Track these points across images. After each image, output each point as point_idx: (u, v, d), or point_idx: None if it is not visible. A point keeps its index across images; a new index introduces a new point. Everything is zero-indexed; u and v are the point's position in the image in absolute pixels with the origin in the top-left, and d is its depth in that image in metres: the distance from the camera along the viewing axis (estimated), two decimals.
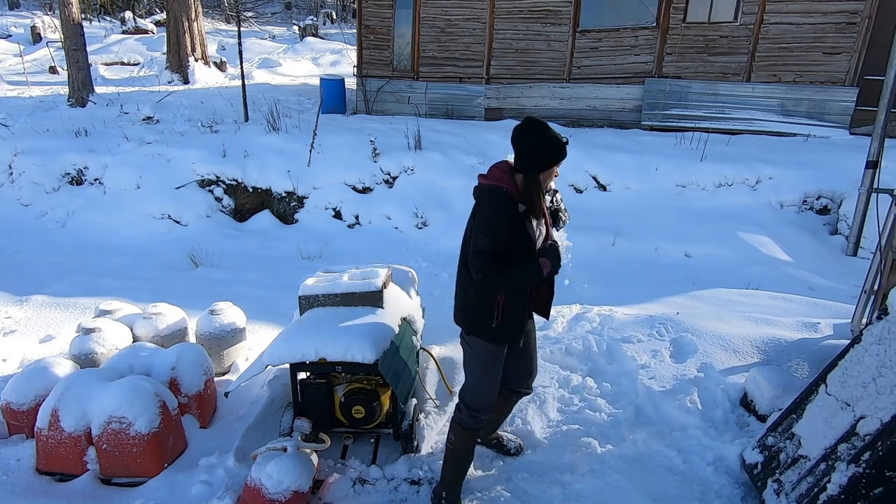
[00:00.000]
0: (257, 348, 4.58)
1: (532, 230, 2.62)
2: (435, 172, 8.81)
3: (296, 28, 21.91)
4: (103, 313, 4.40)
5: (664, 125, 10.51)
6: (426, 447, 3.41)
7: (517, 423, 3.58)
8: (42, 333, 4.97)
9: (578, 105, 11.30)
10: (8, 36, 19.07)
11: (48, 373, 3.49)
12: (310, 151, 9.13)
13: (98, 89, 12.79)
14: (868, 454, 2.39)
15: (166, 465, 3.26)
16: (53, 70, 15.59)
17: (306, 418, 3.24)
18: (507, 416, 3.45)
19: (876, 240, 3.71)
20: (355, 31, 12.78)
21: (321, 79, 12.24)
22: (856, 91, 9.77)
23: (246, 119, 10.78)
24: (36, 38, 18.65)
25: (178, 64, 14.38)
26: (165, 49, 14.83)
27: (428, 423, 3.59)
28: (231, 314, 4.38)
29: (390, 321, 3.42)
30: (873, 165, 6.02)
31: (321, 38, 20.73)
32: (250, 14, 21.25)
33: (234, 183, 8.94)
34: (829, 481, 2.47)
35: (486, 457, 3.31)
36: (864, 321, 3.76)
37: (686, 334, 4.23)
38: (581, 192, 8.66)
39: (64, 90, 12.71)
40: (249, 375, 3.26)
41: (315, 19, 23.64)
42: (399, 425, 3.35)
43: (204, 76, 14.68)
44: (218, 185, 8.91)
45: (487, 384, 2.83)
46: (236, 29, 12.02)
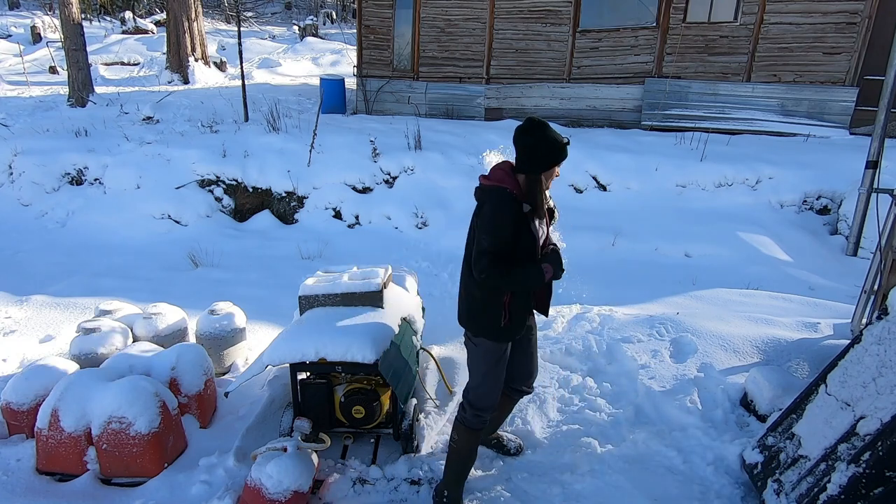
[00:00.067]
0: (257, 348, 4.58)
1: (535, 230, 2.64)
2: (435, 172, 8.81)
3: (296, 28, 21.91)
4: (103, 313, 4.40)
5: (664, 125, 10.51)
6: (426, 447, 3.41)
7: (517, 423, 3.58)
8: (42, 333, 4.97)
9: (578, 105, 11.30)
10: (8, 36, 19.07)
11: (48, 373, 3.49)
12: (310, 151, 9.13)
13: (98, 89, 12.79)
14: (868, 454, 2.40)
15: (166, 465, 3.25)
16: (53, 70, 15.59)
17: (306, 418, 3.24)
18: (508, 416, 3.45)
19: (876, 240, 3.71)
20: (355, 31, 12.79)
21: (321, 79, 12.24)
22: (856, 91, 9.78)
23: (246, 119, 10.78)
24: (36, 38, 18.66)
25: (178, 64, 14.38)
26: (165, 49, 14.84)
27: (428, 423, 3.59)
28: (231, 314, 4.38)
29: (390, 321, 3.42)
30: (873, 165, 6.02)
31: (321, 38, 20.74)
32: (250, 14, 21.25)
33: (234, 183, 8.94)
34: (829, 481, 2.47)
35: (486, 457, 3.31)
36: (864, 321, 3.76)
37: (686, 334, 4.23)
38: (581, 192, 8.66)
39: (64, 90, 12.71)
40: (249, 375, 3.26)
41: (315, 19, 23.65)
42: (399, 425, 3.35)
43: (204, 76, 14.69)
44: (218, 185, 8.92)
45: (491, 383, 2.85)
46: (236, 29, 12.02)
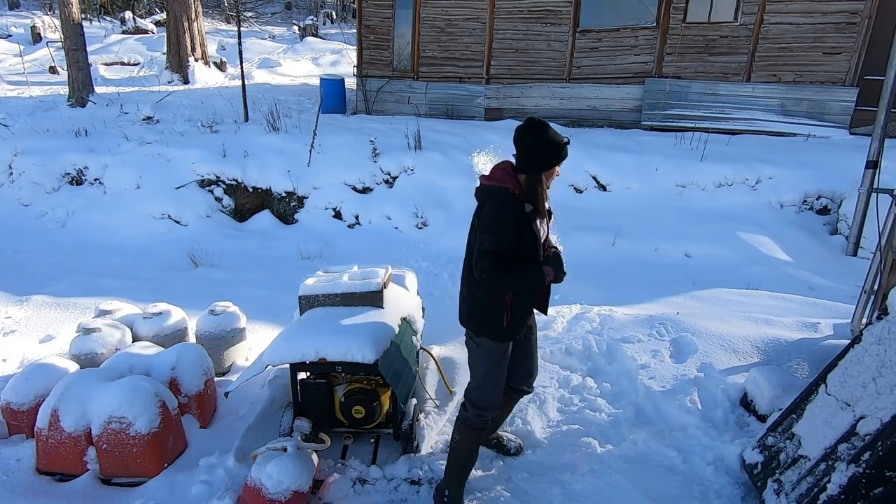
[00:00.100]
0: (257, 348, 4.58)
1: (537, 229, 2.65)
2: (435, 172, 8.81)
3: (296, 28, 21.91)
4: (103, 313, 4.40)
5: (664, 125, 10.51)
6: (426, 447, 3.41)
7: (517, 423, 3.58)
8: (42, 333, 4.97)
9: (578, 105, 11.30)
10: (8, 36, 19.07)
11: (48, 373, 3.49)
12: (310, 151, 9.13)
13: (98, 89, 12.79)
14: (868, 454, 2.39)
15: (166, 465, 3.25)
16: (53, 70, 15.59)
17: (306, 418, 3.24)
18: (508, 416, 3.45)
19: (876, 240, 3.71)
20: (355, 31, 12.79)
21: (321, 79, 12.24)
22: (856, 91, 9.78)
23: (246, 119, 10.78)
24: (36, 38, 18.66)
25: (178, 64, 14.38)
26: (165, 49, 14.84)
27: (428, 423, 3.59)
28: (231, 314, 4.38)
29: (390, 321, 3.42)
30: (873, 165, 6.02)
31: (321, 38, 20.74)
32: (250, 14, 21.25)
33: (234, 183, 8.94)
34: (829, 481, 2.47)
35: (486, 457, 3.31)
36: (864, 321, 3.76)
37: (686, 334, 4.23)
38: (581, 192, 8.66)
39: (64, 90, 12.71)
40: (249, 375, 3.26)
41: (315, 19, 23.64)
42: (399, 425, 3.35)
43: (204, 76, 14.69)
44: (218, 185, 8.92)
45: (493, 383, 2.86)
46: (236, 29, 12.02)
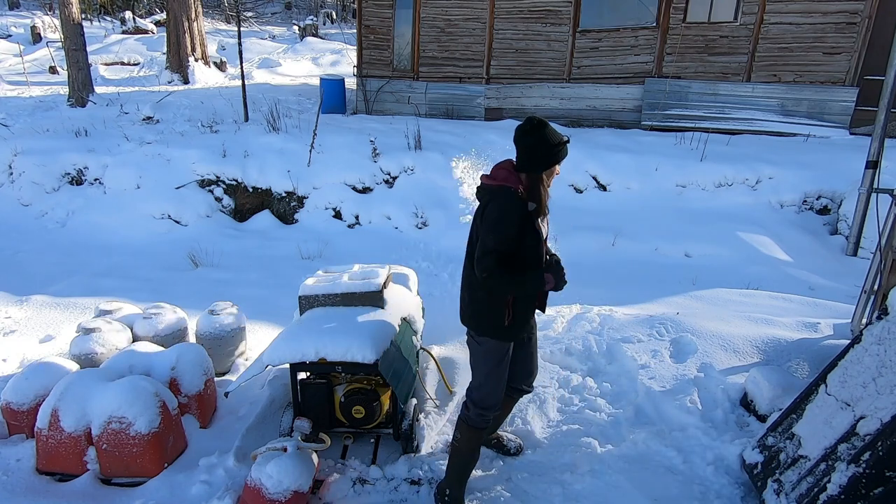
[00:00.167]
0: (257, 348, 4.58)
1: (539, 228, 2.66)
2: (435, 172, 8.81)
3: (296, 28, 21.91)
4: (103, 313, 4.40)
5: (664, 125, 10.51)
6: (426, 447, 3.41)
7: (517, 423, 3.58)
8: (42, 333, 4.97)
9: (578, 105, 11.30)
10: (8, 36, 19.07)
11: (48, 373, 3.49)
12: (310, 151, 9.13)
13: (98, 89, 12.79)
14: (868, 454, 2.39)
15: (166, 465, 3.25)
16: (53, 70, 15.59)
17: (306, 418, 3.24)
18: (508, 416, 3.46)
19: (876, 240, 3.71)
20: (355, 31, 12.79)
21: (321, 79, 12.24)
22: (856, 91, 9.78)
23: (246, 119, 10.78)
24: (36, 38, 18.66)
25: (178, 64, 14.38)
26: (165, 49, 14.83)
27: (428, 423, 3.59)
28: (231, 314, 4.38)
29: (390, 321, 3.42)
30: (873, 165, 6.02)
31: (321, 38, 20.74)
32: (250, 14, 21.25)
33: (234, 183, 8.94)
34: (829, 481, 2.47)
35: (486, 457, 3.31)
36: (864, 321, 3.76)
37: (686, 334, 4.23)
38: (581, 192, 8.66)
39: (64, 90, 12.71)
40: (249, 375, 3.26)
41: (315, 19, 23.64)
42: (399, 425, 3.35)
43: (204, 76, 14.68)
44: (218, 185, 8.92)
45: (495, 382, 2.86)
46: (236, 29, 12.02)
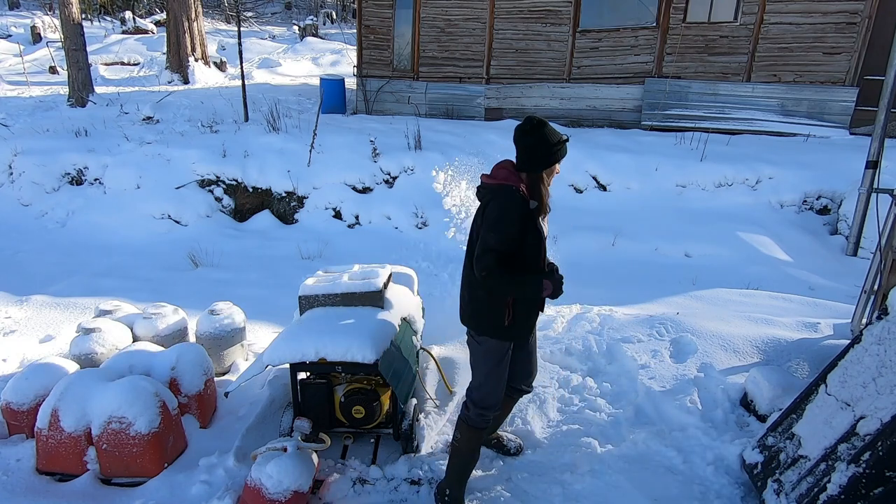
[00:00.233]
0: (257, 348, 4.58)
1: (541, 227, 2.67)
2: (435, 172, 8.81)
3: (296, 28, 21.91)
4: (103, 313, 4.40)
5: (664, 125, 10.51)
6: (426, 447, 3.41)
7: (517, 423, 3.58)
8: (42, 333, 4.97)
9: (578, 105, 11.30)
10: (8, 36, 19.07)
11: (48, 373, 3.48)
12: (310, 151, 9.13)
13: (98, 89, 12.79)
14: (868, 454, 2.39)
15: (166, 465, 3.25)
16: (53, 70, 15.59)
17: (306, 418, 3.24)
18: (508, 416, 3.45)
19: (876, 240, 3.71)
20: (355, 31, 12.79)
21: (321, 79, 12.24)
22: (856, 91, 9.78)
23: (246, 119, 10.78)
24: (36, 38, 18.66)
25: (178, 64, 14.38)
26: (165, 49, 14.84)
27: (428, 423, 3.59)
28: (231, 314, 4.38)
29: (390, 321, 3.42)
30: (873, 165, 6.02)
31: (321, 38, 20.74)
32: (250, 14, 21.25)
33: (234, 183, 8.94)
34: (829, 481, 2.47)
35: (486, 457, 3.31)
36: (864, 321, 3.76)
37: (686, 334, 4.23)
38: (581, 192, 8.66)
39: (64, 90, 12.71)
40: (249, 375, 3.26)
41: (315, 19, 23.64)
42: (399, 425, 3.34)
43: (204, 76, 14.69)
44: (218, 185, 8.92)
45: (495, 382, 2.86)
46: (236, 29, 12.02)
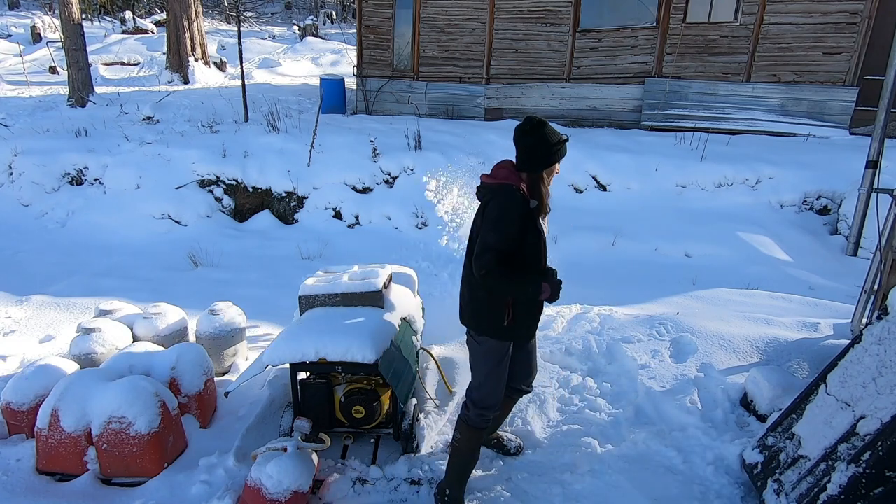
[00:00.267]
0: (257, 348, 4.58)
1: (541, 226, 2.67)
2: (435, 172, 8.81)
3: (296, 28, 21.91)
4: (103, 313, 4.40)
5: (664, 125, 10.51)
6: (426, 447, 3.41)
7: (517, 423, 3.58)
8: (42, 333, 4.97)
9: (578, 105, 11.30)
10: (8, 36, 19.06)
11: (48, 373, 3.48)
12: (310, 151, 9.13)
13: (98, 89, 12.79)
14: (868, 454, 2.39)
15: (166, 465, 3.25)
16: (53, 70, 15.59)
17: (306, 418, 3.24)
18: (508, 416, 3.45)
19: (876, 240, 3.71)
20: (355, 31, 12.79)
21: (321, 79, 12.24)
22: (856, 91, 9.78)
23: (246, 119, 10.78)
24: (36, 38, 18.65)
25: (178, 64, 14.38)
26: (165, 49, 14.83)
27: (428, 423, 3.59)
28: (231, 314, 4.38)
29: (390, 321, 3.42)
30: (873, 165, 6.02)
31: (321, 38, 20.74)
32: (250, 14, 21.25)
33: (234, 183, 8.94)
34: (829, 481, 2.47)
35: (486, 457, 3.31)
36: (864, 321, 3.76)
37: (686, 334, 4.23)
38: (581, 192, 8.66)
39: (64, 90, 12.71)
40: (249, 375, 3.26)
41: (315, 19, 23.64)
42: (399, 425, 3.34)
43: (204, 76, 14.68)
44: (218, 185, 8.92)
45: (495, 382, 2.86)
46: (236, 29, 12.02)
